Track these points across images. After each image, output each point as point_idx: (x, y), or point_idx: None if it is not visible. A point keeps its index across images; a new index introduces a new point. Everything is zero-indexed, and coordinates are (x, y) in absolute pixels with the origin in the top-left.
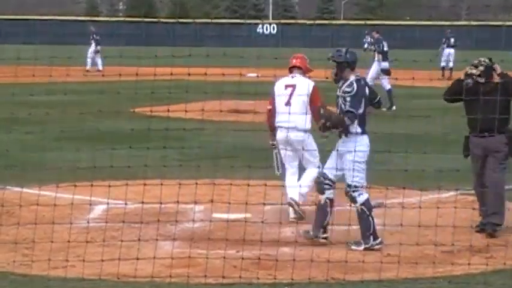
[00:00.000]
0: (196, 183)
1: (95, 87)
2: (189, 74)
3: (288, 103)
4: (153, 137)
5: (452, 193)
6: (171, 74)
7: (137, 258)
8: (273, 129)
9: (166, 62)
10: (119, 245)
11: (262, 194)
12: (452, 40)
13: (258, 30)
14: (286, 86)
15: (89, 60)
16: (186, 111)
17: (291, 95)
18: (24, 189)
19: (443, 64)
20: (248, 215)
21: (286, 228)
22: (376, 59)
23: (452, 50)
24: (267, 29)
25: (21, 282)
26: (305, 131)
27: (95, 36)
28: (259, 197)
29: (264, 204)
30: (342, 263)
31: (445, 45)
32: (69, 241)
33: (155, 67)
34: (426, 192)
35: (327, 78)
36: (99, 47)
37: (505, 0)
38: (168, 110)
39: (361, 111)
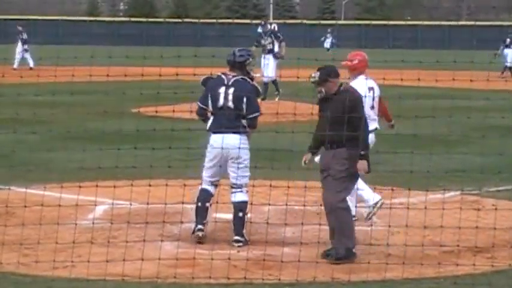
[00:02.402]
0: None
1: (99, 88)
2: (194, 75)
3: (373, 106)
4: (158, 137)
5: (457, 194)
6: (177, 74)
7: (142, 259)
8: None
9: (171, 63)
10: (122, 246)
11: (264, 195)
12: (508, 40)
13: (258, 30)
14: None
15: (17, 59)
16: (191, 111)
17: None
18: (28, 190)
19: (507, 64)
20: (251, 215)
21: (290, 228)
22: (278, 50)
23: (510, 50)
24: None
25: (24, 282)
26: None
27: (21, 35)
28: (260, 197)
29: (269, 204)
30: (346, 263)
31: (503, 46)
32: (73, 242)
33: (160, 67)
34: (431, 192)
35: None
36: (26, 46)
37: (508, 1)
38: (174, 111)
39: (210, 108)
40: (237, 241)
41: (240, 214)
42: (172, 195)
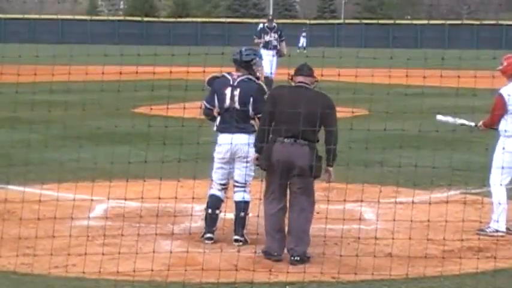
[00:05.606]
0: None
1: (106, 87)
2: (204, 71)
3: None
4: (167, 136)
5: (460, 192)
6: (187, 72)
7: (152, 258)
8: None
9: (182, 61)
10: (121, 244)
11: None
12: None
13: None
14: None
15: None
16: (200, 111)
17: None
18: (26, 189)
19: None
20: (250, 214)
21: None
22: (279, 48)
23: None
24: None
25: (23, 282)
26: None
27: None
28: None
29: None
30: (351, 262)
31: None
32: (71, 241)
33: (171, 66)
34: (434, 191)
35: None
36: None
37: (509, 1)
38: (184, 108)
39: (216, 108)
40: (237, 240)
41: (242, 214)
42: (170, 194)
